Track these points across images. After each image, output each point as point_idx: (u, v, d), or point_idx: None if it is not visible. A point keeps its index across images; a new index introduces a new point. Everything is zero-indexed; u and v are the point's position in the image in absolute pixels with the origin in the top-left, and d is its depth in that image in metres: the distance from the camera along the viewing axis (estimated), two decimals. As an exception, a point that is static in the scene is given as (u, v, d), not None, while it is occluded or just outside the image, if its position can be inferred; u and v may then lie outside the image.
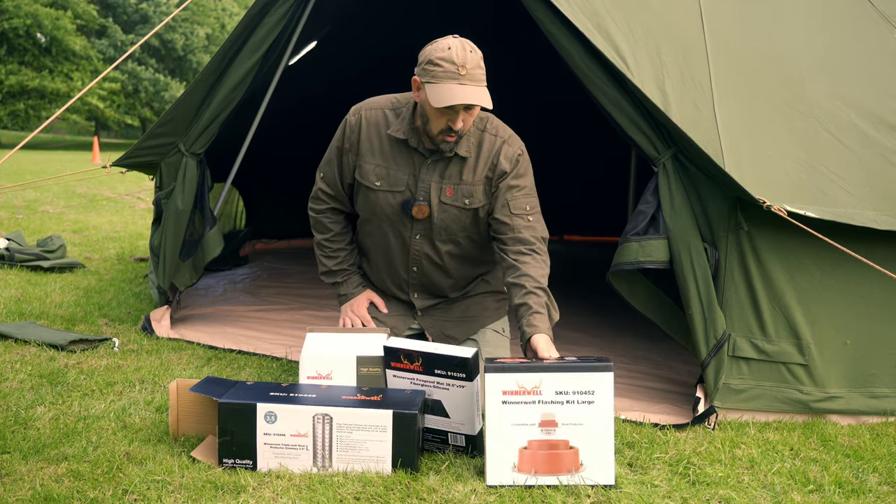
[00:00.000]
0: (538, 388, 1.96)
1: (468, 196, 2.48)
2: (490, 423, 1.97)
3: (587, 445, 1.96)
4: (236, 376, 2.79)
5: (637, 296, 2.61)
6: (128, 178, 11.44)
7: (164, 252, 3.34)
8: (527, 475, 1.95)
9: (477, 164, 2.47)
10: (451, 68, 2.25)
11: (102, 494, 1.82)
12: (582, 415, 1.96)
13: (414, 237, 2.54)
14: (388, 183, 2.50)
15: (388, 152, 2.50)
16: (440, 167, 2.47)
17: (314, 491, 1.87)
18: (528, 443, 1.96)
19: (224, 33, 36.84)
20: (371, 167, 2.51)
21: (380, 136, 2.51)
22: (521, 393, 1.96)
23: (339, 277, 2.68)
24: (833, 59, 2.82)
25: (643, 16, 2.66)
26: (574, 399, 1.96)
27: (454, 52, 2.27)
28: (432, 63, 2.28)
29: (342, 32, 4.83)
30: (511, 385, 1.96)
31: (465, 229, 2.52)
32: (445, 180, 2.47)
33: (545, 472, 1.95)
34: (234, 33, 3.18)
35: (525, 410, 1.96)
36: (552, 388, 1.96)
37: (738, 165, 2.39)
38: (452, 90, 2.25)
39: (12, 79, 29.17)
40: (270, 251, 5.79)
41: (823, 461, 2.18)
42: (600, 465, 1.96)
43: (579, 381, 1.96)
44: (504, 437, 1.96)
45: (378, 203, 2.52)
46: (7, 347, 2.96)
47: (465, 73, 2.26)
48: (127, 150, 3.57)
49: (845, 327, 2.48)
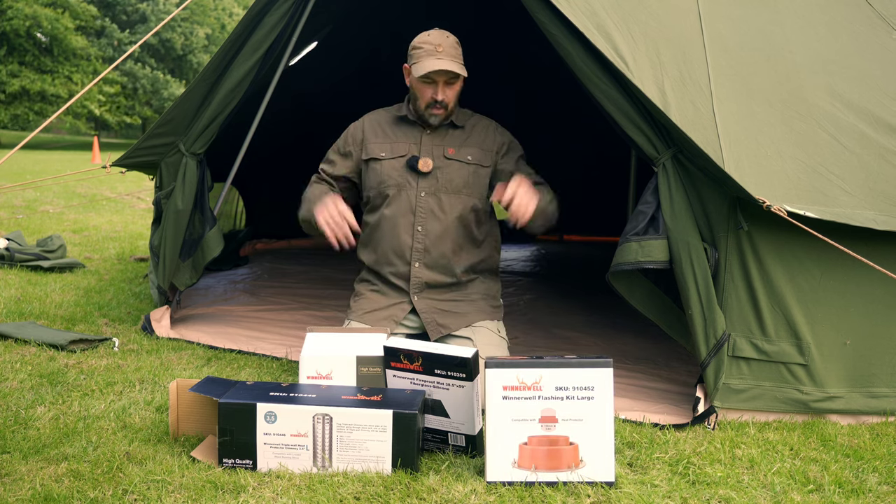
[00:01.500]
0: (538, 383, 1.97)
1: (470, 153, 2.78)
2: (490, 419, 1.97)
3: (587, 442, 1.97)
4: (236, 376, 2.79)
5: (637, 296, 2.62)
6: (128, 178, 11.45)
7: (164, 252, 3.34)
8: (527, 472, 1.95)
9: (474, 134, 2.82)
10: (430, 47, 2.66)
11: (102, 494, 1.82)
12: (582, 410, 1.97)
13: (420, 195, 2.74)
14: (392, 152, 2.79)
15: (390, 131, 2.83)
16: (440, 134, 2.80)
17: (314, 491, 1.87)
18: (528, 438, 1.96)
19: (224, 33, 36.85)
20: (376, 145, 2.82)
21: (381, 122, 2.86)
22: (522, 388, 1.97)
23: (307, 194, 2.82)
24: (832, 59, 2.82)
25: (642, 17, 2.66)
26: (574, 395, 1.97)
27: (432, 36, 2.69)
28: (415, 47, 2.71)
29: (343, 32, 4.83)
30: (511, 380, 1.97)
31: (467, 185, 2.76)
32: (447, 144, 2.78)
33: (545, 469, 1.95)
34: (234, 33, 3.18)
35: (525, 406, 1.97)
36: (552, 383, 1.97)
37: (737, 166, 2.39)
38: (431, 62, 2.64)
39: (15, 82, 29.19)
40: (270, 251, 5.80)
41: (823, 461, 2.18)
42: (600, 462, 1.96)
43: (579, 377, 1.97)
44: (504, 433, 1.96)
45: (384, 171, 2.77)
46: (7, 347, 2.96)
47: (441, 50, 2.66)
48: (127, 150, 3.57)
49: (845, 327, 2.48)
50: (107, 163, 3.74)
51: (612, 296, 2.72)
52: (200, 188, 3.31)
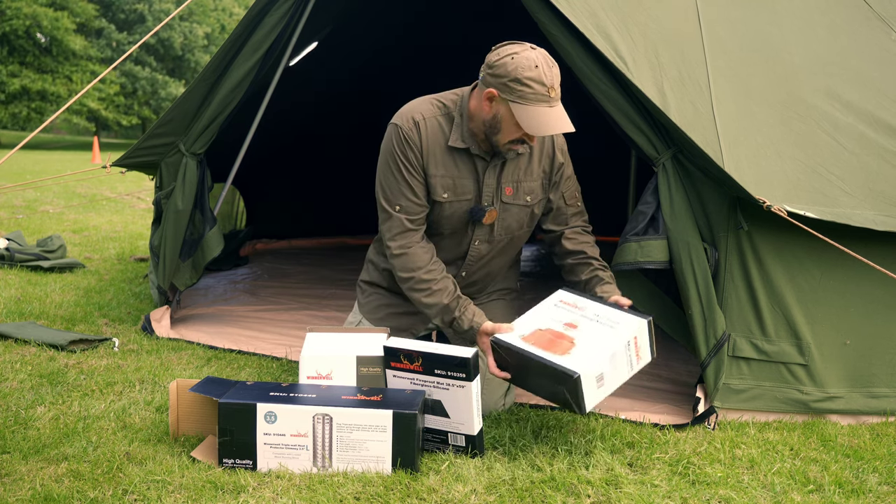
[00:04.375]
0: (586, 307, 2.29)
1: (529, 193, 2.48)
2: (535, 310, 2.30)
3: (584, 347, 2.13)
4: (236, 376, 2.79)
5: (637, 296, 2.61)
6: (128, 178, 11.46)
7: (164, 252, 3.34)
8: (526, 343, 2.15)
9: (534, 160, 2.47)
10: (542, 90, 2.19)
11: (102, 494, 1.82)
12: (600, 331, 2.18)
13: (473, 243, 2.50)
14: (455, 193, 2.41)
15: (450, 162, 2.40)
16: (500, 168, 2.43)
17: (314, 491, 1.87)
18: (546, 329, 2.22)
19: (224, 33, 36.86)
20: (437, 179, 2.39)
21: (439, 146, 2.39)
22: (572, 305, 2.31)
23: (456, 312, 2.34)
24: (831, 60, 2.82)
25: (641, 18, 2.66)
26: (603, 321, 2.22)
27: (542, 70, 2.19)
28: (519, 82, 2.19)
29: (343, 31, 4.83)
30: (568, 299, 2.33)
31: (521, 227, 2.54)
32: (505, 180, 2.44)
33: (538, 346, 2.15)
34: (234, 33, 3.19)
35: (564, 313, 2.28)
36: (594, 311, 2.27)
37: (737, 166, 2.39)
38: (546, 116, 2.20)
39: (15, 82, 29.21)
40: (270, 251, 5.79)
41: (823, 461, 2.18)
42: (579, 361, 2.08)
43: (617, 315, 2.24)
44: (533, 320, 2.26)
45: (443, 214, 2.43)
46: (7, 347, 2.96)
47: (554, 96, 2.21)
48: (127, 150, 3.57)
49: (845, 327, 2.48)
50: (107, 163, 3.74)
51: (612, 296, 2.72)
52: (200, 188, 3.31)
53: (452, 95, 2.45)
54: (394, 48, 5.59)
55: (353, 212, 5.88)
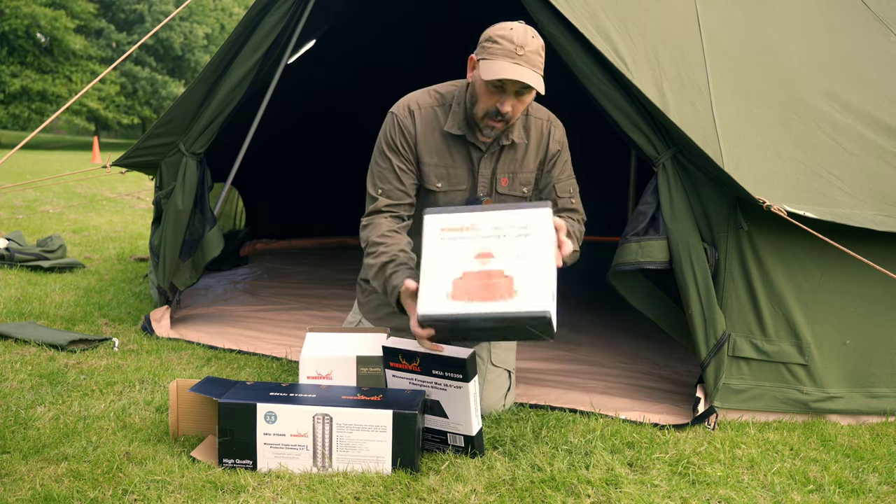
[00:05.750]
0: (476, 224, 1.99)
1: (525, 184, 2.48)
2: (426, 258, 1.98)
3: (522, 274, 1.91)
4: (236, 376, 2.79)
5: (637, 296, 2.62)
6: (128, 178, 11.46)
7: (164, 252, 3.35)
8: (461, 303, 1.90)
9: (530, 151, 2.47)
10: (509, 46, 2.19)
11: (102, 494, 1.82)
12: (518, 246, 1.95)
13: None
14: (449, 183, 2.43)
15: (445, 150, 2.41)
16: (495, 157, 2.43)
17: (314, 491, 1.87)
18: (462, 274, 1.94)
19: (224, 33, 36.86)
20: (431, 168, 2.41)
21: (434, 134, 2.41)
22: (460, 230, 2.00)
23: (388, 271, 2.24)
24: (830, 61, 2.83)
25: (640, 18, 2.66)
26: (509, 232, 1.97)
27: (515, 32, 2.22)
28: (491, 40, 2.23)
29: (343, 31, 4.83)
30: (450, 223, 2.01)
31: None
32: (500, 171, 2.43)
33: (479, 299, 1.90)
34: (234, 33, 3.19)
35: (462, 245, 1.98)
36: (489, 224, 1.98)
37: (737, 166, 2.39)
38: (505, 66, 2.18)
39: (15, 82, 29.23)
40: (270, 251, 5.80)
41: (823, 461, 2.18)
42: (535, 293, 1.88)
43: (515, 217, 1.98)
44: (440, 270, 1.96)
45: (438, 205, 2.41)
46: (7, 347, 2.96)
47: (522, 54, 2.19)
48: (127, 150, 3.57)
49: (845, 327, 2.48)
50: (107, 163, 3.75)
51: (613, 296, 2.72)
52: (200, 188, 3.32)
53: (451, 87, 2.47)
54: (394, 48, 5.60)
55: (353, 212, 5.85)
